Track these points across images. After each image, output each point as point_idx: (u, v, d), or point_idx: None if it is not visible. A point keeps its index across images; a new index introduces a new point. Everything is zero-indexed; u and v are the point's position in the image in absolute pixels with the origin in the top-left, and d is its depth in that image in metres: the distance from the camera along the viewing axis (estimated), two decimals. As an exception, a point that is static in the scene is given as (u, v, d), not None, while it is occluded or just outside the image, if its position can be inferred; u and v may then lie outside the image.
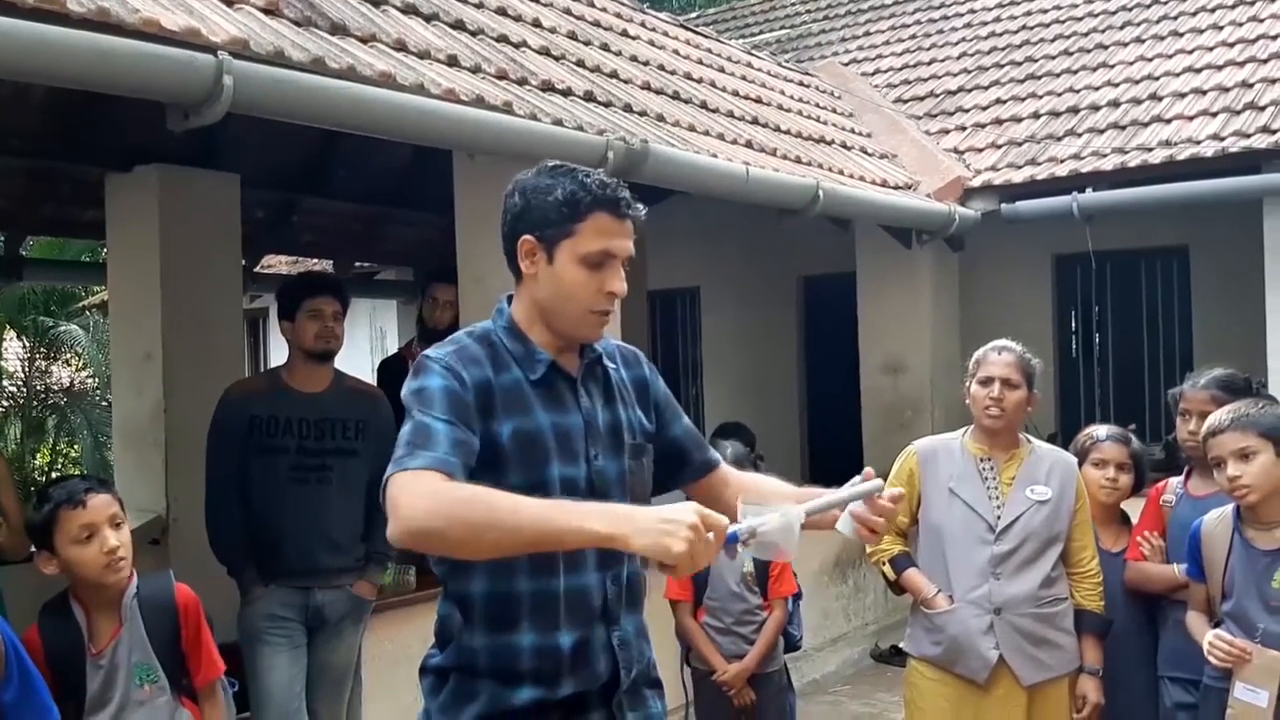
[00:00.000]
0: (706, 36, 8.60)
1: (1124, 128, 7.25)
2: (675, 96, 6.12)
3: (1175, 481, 3.65)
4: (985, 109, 8.32)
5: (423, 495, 1.81)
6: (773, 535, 1.81)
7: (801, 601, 4.39)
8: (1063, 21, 9.12)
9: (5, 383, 14.60)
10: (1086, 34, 8.76)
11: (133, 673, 2.76)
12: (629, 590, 2.12)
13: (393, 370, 5.49)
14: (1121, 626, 3.57)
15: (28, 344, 14.29)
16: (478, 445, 1.96)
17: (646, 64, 6.47)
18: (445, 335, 6.23)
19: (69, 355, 14.62)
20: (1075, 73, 8.24)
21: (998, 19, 9.67)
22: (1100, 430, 3.83)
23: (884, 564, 3.69)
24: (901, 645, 3.96)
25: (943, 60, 9.33)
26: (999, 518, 3.47)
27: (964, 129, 8.16)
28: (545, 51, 5.39)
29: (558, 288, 2.05)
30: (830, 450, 8.81)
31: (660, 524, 1.72)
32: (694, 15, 13.64)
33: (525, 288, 2.10)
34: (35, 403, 14.21)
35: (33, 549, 2.95)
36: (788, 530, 1.82)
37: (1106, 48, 8.41)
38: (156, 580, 2.88)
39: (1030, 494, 3.49)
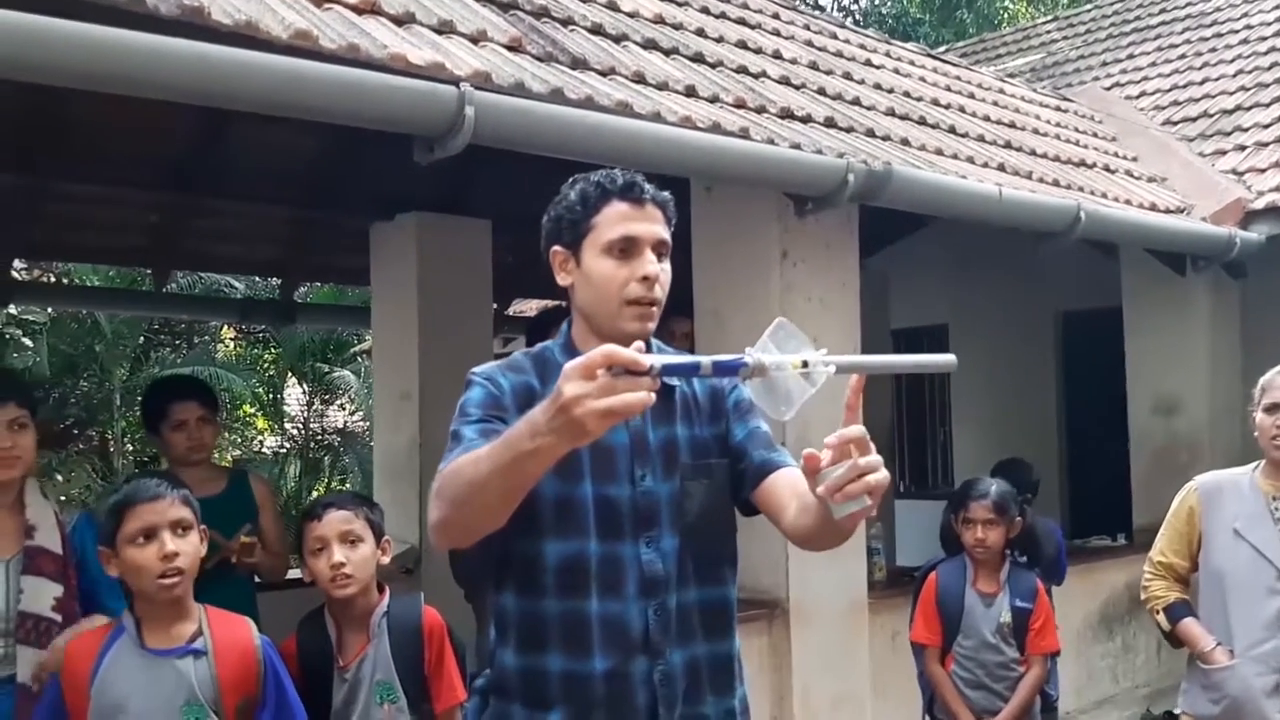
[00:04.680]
0: (955, 64, 8.31)
1: None
2: (921, 121, 5.90)
3: None
4: (1267, 127, 7.63)
5: (433, 493, 1.80)
6: (783, 387, 1.51)
7: (1059, 659, 4.06)
8: (1355, 29, 8.32)
9: (287, 425, 15.71)
10: (1385, 41, 7.94)
11: (374, 690, 2.80)
12: (681, 622, 1.98)
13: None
14: None
15: (306, 389, 15.37)
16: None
17: (890, 91, 6.29)
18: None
19: (343, 399, 15.62)
20: (1372, 83, 7.48)
21: (1278, 34, 8.92)
22: None
23: (1158, 612, 3.38)
24: (1176, 709, 3.59)
25: (1216, 79, 8.66)
26: (1293, 564, 3.11)
27: (1243, 149, 7.51)
28: (785, 81, 5.31)
29: (591, 287, 1.99)
30: (1093, 497, 8.25)
31: (549, 404, 1.54)
32: (943, 49, 13.25)
33: (572, 302, 2.06)
34: (313, 443, 15.25)
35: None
36: (801, 392, 1.52)
37: None
38: (406, 602, 2.93)
39: (1332, 537, 3.11)
